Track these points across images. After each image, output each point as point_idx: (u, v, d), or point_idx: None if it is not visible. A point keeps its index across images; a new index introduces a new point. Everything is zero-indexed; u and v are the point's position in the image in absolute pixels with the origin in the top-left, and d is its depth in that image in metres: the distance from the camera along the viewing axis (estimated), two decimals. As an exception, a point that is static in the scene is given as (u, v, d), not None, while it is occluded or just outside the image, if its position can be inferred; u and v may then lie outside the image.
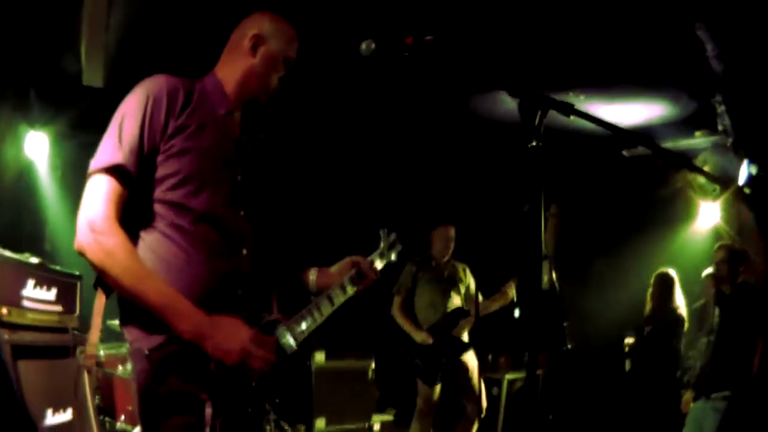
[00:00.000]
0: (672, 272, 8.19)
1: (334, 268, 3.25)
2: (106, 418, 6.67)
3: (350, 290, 3.20)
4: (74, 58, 6.77)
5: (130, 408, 6.69)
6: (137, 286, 2.42)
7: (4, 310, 4.44)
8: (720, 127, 7.04)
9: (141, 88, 2.60)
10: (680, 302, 8.04)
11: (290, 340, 2.86)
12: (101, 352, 6.68)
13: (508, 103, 7.38)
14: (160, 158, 2.56)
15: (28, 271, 4.86)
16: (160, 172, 2.56)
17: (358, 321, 8.84)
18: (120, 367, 6.81)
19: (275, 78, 2.87)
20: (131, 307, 2.51)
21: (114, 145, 2.49)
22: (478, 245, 7.77)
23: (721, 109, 6.77)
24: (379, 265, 3.46)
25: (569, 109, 2.38)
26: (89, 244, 2.41)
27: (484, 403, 7.35)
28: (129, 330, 2.57)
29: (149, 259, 2.52)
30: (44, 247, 7.54)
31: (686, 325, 7.90)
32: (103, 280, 2.51)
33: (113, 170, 2.47)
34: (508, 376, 9.03)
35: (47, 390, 4.76)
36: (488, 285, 7.64)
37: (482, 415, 7.31)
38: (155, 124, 2.54)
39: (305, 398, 8.53)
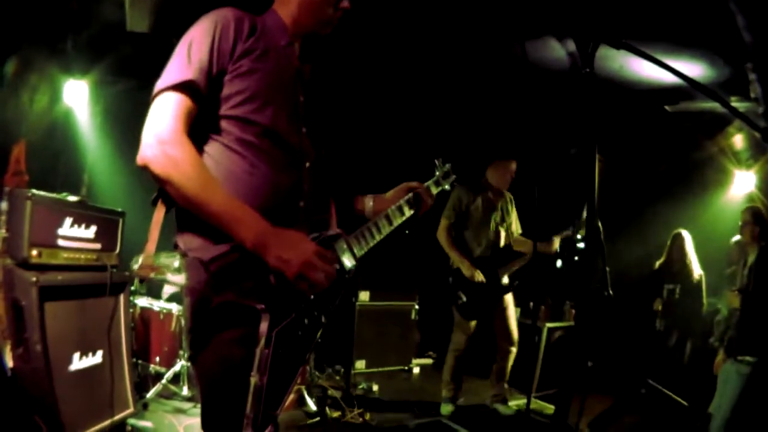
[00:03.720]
0: (684, 232, 8.34)
1: (389, 194, 3.30)
2: (140, 361, 6.78)
3: (408, 212, 3.24)
4: (113, 4, 6.74)
5: (165, 349, 6.79)
6: (202, 194, 2.41)
7: (34, 252, 4.52)
8: (752, 94, 6.91)
9: (208, 17, 2.66)
10: (695, 263, 8.09)
11: (348, 257, 2.90)
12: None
13: (558, 51, 7.31)
14: (227, 78, 2.61)
15: (66, 209, 4.90)
16: (227, 90, 2.61)
17: (403, 262, 8.92)
18: (156, 307, 6.92)
19: (329, 9, 2.89)
20: (191, 217, 2.51)
21: (183, 64, 2.54)
22: (532, 186, 7.71)
23: (752, 77, 6.64)
24: (433, 192, 3.48)
25: (619, 42, 2.46)
26: (155, 155, 2.40)
27: (516, 339, 7.34)
28: (187, 239, 2.59)
29: (214, 170, 2.56)
30: (81, 192, 7.64)
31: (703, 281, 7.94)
32: (164, 193, 2.53)
33: (182, 86, 2.51)
34: (548, 325, 9.00)
35: (77, 331, 4.81)
36: (534, 227, 7.61)
37: (515, 348, 7.33)
38: (224, 46, 2.60)
39: (347, 339, 8.60)
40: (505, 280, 7.32)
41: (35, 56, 6.97)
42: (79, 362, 4.78)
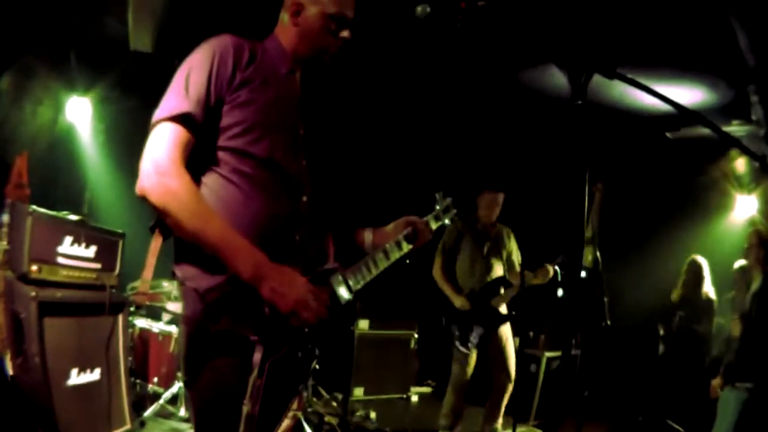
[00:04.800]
0: (701, 259, 8.17)
1: (389, 227, 3.28)
2: (138, 380, 6.78)
3: (405, 247, 3.21)
4: (116, 21, 6.77)
5: (164, 370, 6.78)
6: (199, 226, 2.43)
7: (34, 267, 4.57)
8: (754, 117, 6.92)
9: (207, 45, 2.66)
10: (709, 288, 8.04)
11: (344, 290, 2.88)
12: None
13: (557, 78, 7.33)
14: (225, 108, 2.60)
15: (66, 228, 4.96)
16: (225, 121, 2.60)
17: (403, 291, 8.89)
18: (156, 328, 6.92)
19: (328, 38, 2.87)
20: (188, 247, 2.52)
21: (181, 95, 2.53)
22: (525, 215, 7.70)
23: (754, 98, 6.65)
24: (433, 226, 3.46)
25: (612, 72, 2.40)
26: (152, 185, 2.42)
27: (513, 372, 7.30)
28: (184, 269, 2.59)
29: (211, 201, 2.55)
30: (82, 210, 7.64)
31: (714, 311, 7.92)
32: (161, 222, 2.52)
33: (180, 118, 2.51)
34: (547, 354, 8.98)
35: (74, 348, 4.85)
36: (531, 256, 7.58)
37: (511, 385, 7.29)
38: (222, 76, 2.59)
39: (345, 366, 8.57)
40: (503, 309, 7.28)
41: (39, 69, 6.99)
42: (77, 378, 4.82)
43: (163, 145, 2.47)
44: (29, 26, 6.51)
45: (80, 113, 8.11)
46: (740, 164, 8.85)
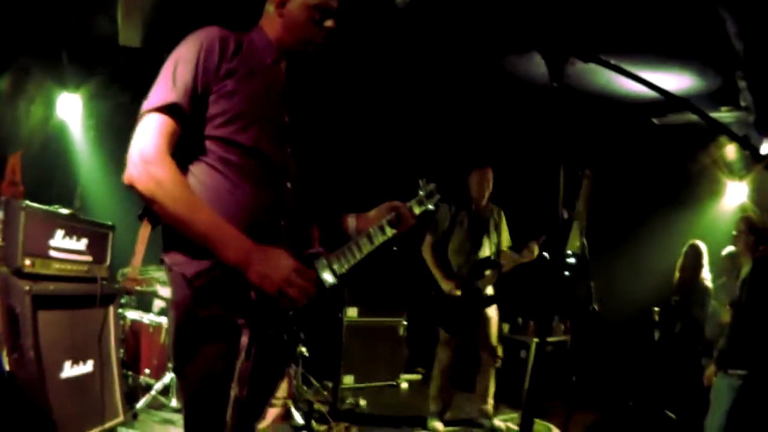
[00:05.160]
0: (701, 244, 8.19)
1: (372, 213, 3.32)
2: (129, 372, 6.82)
3: (389, 231, 3.25)
4: (107, 18, 6.79)
5: (155, 361, 6.83)
6: (186, 213, 2.49)
7: (27, 262, 4.61)
8: (743, 104, 6.93)
9: (194, 36, 2.72)
10: (707, 275, 8.05)
11: (329, 274, 2.92)
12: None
13: (542, 65, 7.37)
14: (212, 98, 2.66)
15: (58, 221, 5.00)
16: (212, 110, 2.66)
17: (391, 279, 8.95)
18: (146, 320, 6.97)
19: (313, 28, 2.93)
20: (176, 235, 2.58)
21: (168, 86, 2.60)
22: (511, 195, 7.74)
23: (743, 84, 6.67)
24: (416, 211, 3.49)
25: (589, 56, 2.44)
26: (140, 174, 2.48)
27: (499, 353, 7.37)
28: (171, 256, 2.64)
29: (197, 190, 2.61)
30: (74, 204, 7.67)
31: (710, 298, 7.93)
32: (149, 210, 2.59)
33: (167, 108, 2.57)
34: (536, 340, 9.03)
35: (68, 340, 4.90)
36: (517, 237, 7.65)
37: (498, 364, 7.36)
38: (209, 66, 2.65)
39: (335, 354, 8.62)
40: (490, 290, 7.35)
41: (33, 68, 7.01)
42: (70, 370, 4.87)
43: (150, 135, 2.53)
44: (24, 26, 6.54)
45: (71, 110, 8.16)
46: (730, 151, 8.82)
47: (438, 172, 3.93)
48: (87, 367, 5.08)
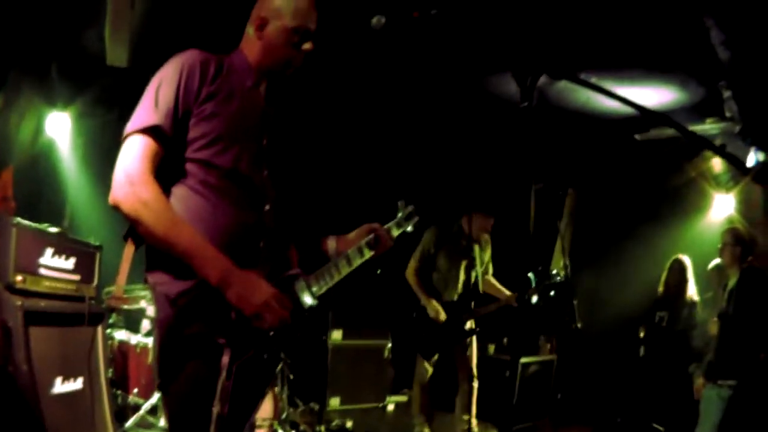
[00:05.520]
0: (686, 259, 8.22)
1: (351, 235, 3.38)
2: (119, 391, 6.80)
3: (367, 253, 3.32)
4: (95, 36, 6.78)
5: (143, 381, 6.81)
6: (169, 233, 2.58)
7: (19, 278, 4.62)
8: (728, 114, 6.97)
9: (176, 59, 2.80)
10: (692, 289, 8.09)
11: (308, 295, 3.00)
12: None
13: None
14: (192, 121, 2.75)
15: (47, 239, 5.02)
16: (192, 133, 2.75)
17: (375, 301, 8.95)
18: (134, 340, 6.95)
19: (291, 51, 2.99)
20: (159, 255, 2.67)
21: (150, 108, 2.68)
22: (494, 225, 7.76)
23: (727, 94, 6.71)
24: (394, 233, 3.56)
25: (559, 73, 2.49)
26: (125, 195, 2.57)
27: (475, 376, 7.35)
28: (155, 275, 2.72)
29: (179, 211, 2.69)
30: (63, 223, 7.67)
31: (699, 307, 7.96)
32: (134, 231, 2.66)
33: (150, 130, 2.65)
34: (522, 360, 9.06)
35: (58, 357, 4.90)
36: (500, 265, 7.67)
37: (476, 383, 7.33)
38: (190, 90, 2.74)
39: (320, 376, 8.62)
40: (469, 325, 7.36)
41: (23, 84, 7.02)
42: (61, 386, 4.87)
43: (133, 156, 2.63)
44: (15, 41, 6.55)
45: (60, 128, 8.18)
46: (716, 163, 8.86)
47: (422, 194, 3.96)
48: (77, 384, 5.08)
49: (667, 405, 7.66)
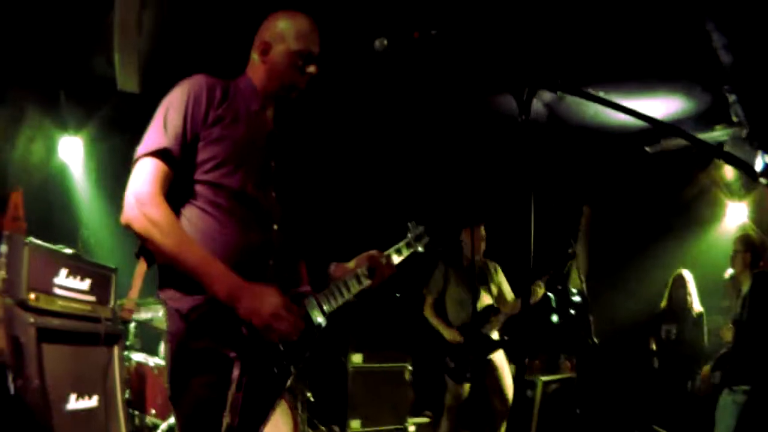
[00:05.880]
0: (686, 273, 8.36)
1: (351, 263, 3.42)
2: (136, 412, 6.81)
3: (365, 282, 3.35)
4: (104, 61, 6.87)
5: (160, 402, 6.81)
6: (178, 251, 2.65)
7: (32, 296, 4.67)
8: (734, 118, 6.94)
9: (183, 84, 2.90)
10: (696, 302, 8.12)
11: (318, 313, 3.06)
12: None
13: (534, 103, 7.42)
14: (200, 144, 2.83)
15: (62, 260, 5.09)
16: (201, 156, 2.83)
17: (395, 323, 8.95)
18: (152, 362, 6.96)
19: (295, 74, 3.07)
20: (170, 272, 2.76)
21: (159, 132, 2.77)
22: (506, 242, 7.76)
23: (732, 98, 6.68)
24: (397, 258, 3.59)
25: (555, 86, 2.51)
26: (135, 216, 2.66)
27: (510, 399, 7.32)
28: (167, 292, 2.79)
29: (189, 231, 2.77)
30: (77, 246, 7.71)
31: (704, 319, 7.96)
32: (146, 249, 2.77)
33: (159, 153, 2.74)
34: (543, 378, 9.02)
35: (72, 375, 4.95)
36: (518, 282, 7.64)
37: (508, 413, 7.29)
38: (197, 114, 2.82)
39: (340, 399, 8.60)
40: (495, 335, 7.34)
41: (28, 107, 7.08)
42: (75, 403, 4.91)
43: (143, 178, 2.71)
44: (21, 64, 6.62)
45: (72, 152, 8.28)
46: (728, 171, 8.83)
47: (427, 219, 3.97)
48: (92, 402, 5.12)
49: (682, 415, 7.60)
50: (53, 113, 7.78)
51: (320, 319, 3.05)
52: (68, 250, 5.28)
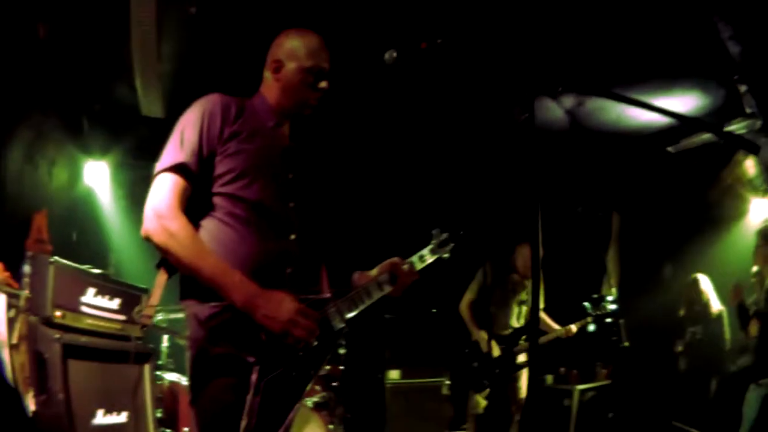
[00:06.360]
0: (702, 276, 8.49)
1: (373, 271, 3.45)
2: (168, 430, 6.86)
3: (386, 289, 3.36)
4: (126, 87, 6.99)
5: (193, 420, 6.87)
6: (196, 261, 2.75)
7: (58, 313, 4.77)
8: (748, 110, 6.87)
9: (198, 103, 3.02)
10: (715, 302, 8.09)
11: (337, 319, 3.08)
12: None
13: (553, 110, 7.43)
14: (217, 159, 2.94)
15: (89, 280, 5.21)
16: (218, 170, 2.93)
17: (432, 338, 8.96)
18: (184, 382, 7.01)
19: (307, 90, 3.17)
20: (191, 283, 2.83)
21: (177, 149, 2.89)
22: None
23: (743, 88, 6.61)
24: (420, 265, 3.57)
25: (555, 91, 2.58)
26: (155, 228, 2.76)
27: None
28: (187, 302, 2.89)
29: (208, 242, 2.86)
30: (109, 271, 7.80)
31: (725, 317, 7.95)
32: (166, 261, 2.86)
33: (176, 168, 2.85)
34: (579, 387, 8.99)
35: (100, 391, 5.02)
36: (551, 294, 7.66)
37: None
38: (212, 130, 2.93)
39: (378, 415, 8.62)
40: (522, 358, 7.36)
41: (50, 130, 7.15)
42: (103, 418, 4.96)
43: (162, 192, 2.82)
44: (42, 88, 6.73)
45: (98, 177, 8.40)
46: (750, 166, 8.72)
47: (472, 224, 4.01)
48: (121, 418, 5.17)
49: (713, 414, 7.54)
50: (76, 138, 7.89)
51: (340, 325, 3.08)
52: (96, 270, 5.37)
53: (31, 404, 4.44)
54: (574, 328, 7.29)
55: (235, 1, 6.15)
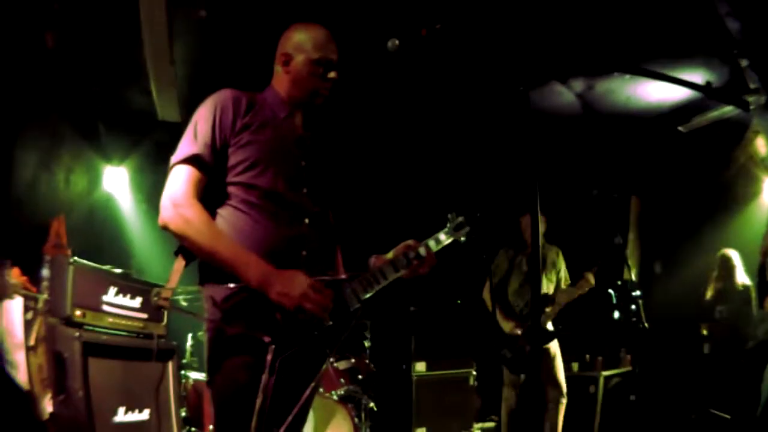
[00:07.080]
0: (731, 251, 8.31)
1: (389, 254, 3.50)
2: (193, 429, 6.91)
3: (401, 270, 3.40)
4: (140, 92, 7.11)
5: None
6: (212, 244, 2.86)
7: (78, 312, 4.87)
8: (751, 85, 6.84)
9: (210, 99, 3.13)
10: (743, 276, 8.03)
11: (353, 299, 3.18)
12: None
13: (565, 95, 7.45)
14: (231, 150, 3.05)
15: (110, 279, 5.32)
16: (232, 160, 3.04)
17: (458, 330, 9.00)
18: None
19: (317, 81, 3.27)
20: (208, 268, 2.97)
21: (191, 141, 3.01)
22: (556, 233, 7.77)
23: (744, 63, 6.60)
24: (435, 247, 3.55)
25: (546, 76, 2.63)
26: (171, 217, 2.89)
27: (564, 387, 7.33)
28: (205, 287, 3.01)
29: (225, 229, 3.00)
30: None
31: (752, 291, 7.85)
32: (183, 248, 2.97)
33: (190, 159, 2.97)
34: (605, 373, 8.99)
35: (122, 388, 5.11)
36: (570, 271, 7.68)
37: (565, 399, 7.30)
38: (225, 123, 3.04)
39: (406, 408, 8.67)
40: (550, 326, 7.38)
41: (65, 136, 7.25)
42: (124, 416, 5.04)
43: (177, 182, 2.93)
44: (56, 93, 6.82)
45: (117, 183, 8.46)
46: (761, 144, 8.68)
47: (491, 213, 4.05)
48: (143, 415, 5.25)
49: (736, 395, 7.50)
50: (94, 144, 7.98)
51: (356, 305, 3.17)
52: (117, 270, 5.48)
53: (48, 406, 4.53)
54: (590, 278, 7.26)
55: (244, 2, 6.23)
